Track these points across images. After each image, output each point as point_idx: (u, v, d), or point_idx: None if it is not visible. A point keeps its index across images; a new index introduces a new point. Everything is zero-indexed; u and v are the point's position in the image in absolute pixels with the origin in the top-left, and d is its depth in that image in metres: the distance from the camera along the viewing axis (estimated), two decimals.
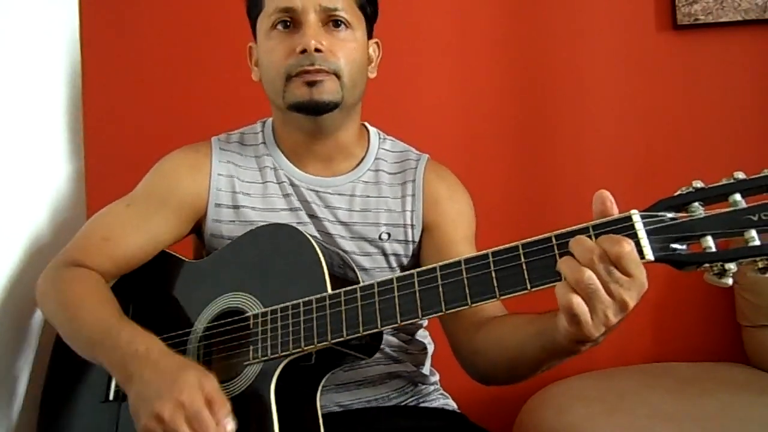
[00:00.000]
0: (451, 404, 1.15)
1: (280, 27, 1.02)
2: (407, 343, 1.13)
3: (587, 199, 1.85)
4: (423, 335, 1.17)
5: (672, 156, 1.70)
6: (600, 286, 0.67)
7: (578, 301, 0.68)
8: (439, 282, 0.77)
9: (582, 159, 1.71)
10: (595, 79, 1.72)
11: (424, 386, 1.14)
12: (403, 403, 1.10)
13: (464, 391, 1.22)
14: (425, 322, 1.17)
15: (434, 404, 1.12)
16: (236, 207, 1.07)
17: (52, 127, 1.32)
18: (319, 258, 0.88)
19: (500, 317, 0.95)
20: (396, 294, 0.79)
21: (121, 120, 1.66)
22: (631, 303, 0.69)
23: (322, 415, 0.91)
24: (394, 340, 1.11)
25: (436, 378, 1.17)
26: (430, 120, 1.69)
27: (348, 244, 1.06)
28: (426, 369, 1.15)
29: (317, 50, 0.98)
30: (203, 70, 1.69)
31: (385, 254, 1.08)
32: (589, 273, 0.67)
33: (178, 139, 1.15)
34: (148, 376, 0.81)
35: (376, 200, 1.09)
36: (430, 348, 1.18)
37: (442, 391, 1.16)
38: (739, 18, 1.69)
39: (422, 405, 1.12)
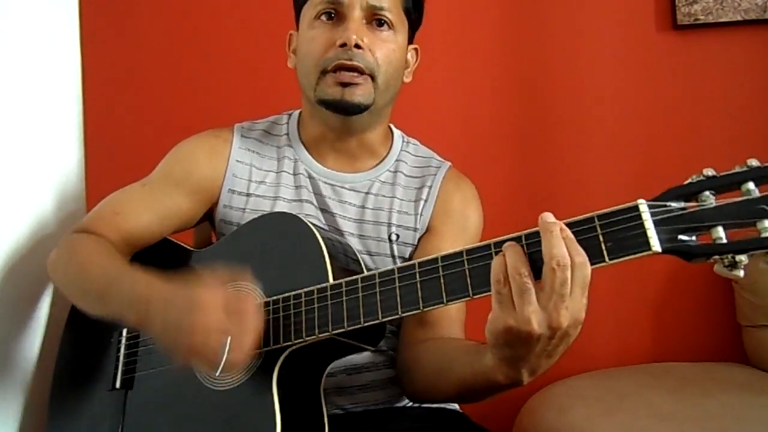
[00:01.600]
0: (452, 404, 1.14)
1: (323, 18, 1.02)
2: None
3: (587, 199, 1.86)
4: None
5: (672, 156, 1.70)
6: (532, 289, 0.67)
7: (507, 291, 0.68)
8: (441, 273, 0.76)
9: (582, 159, 1.71)
10: (595, 79, 1.72)
11: None
12: (404, 405, 1.10)
13: None
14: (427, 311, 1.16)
15: (435, 404, 1.12)
16: (248, 195, 1.07)
17: (54, 123, 1.32)
18: (321, 247, 0.88)
19: (452, 338, 0.97)
20: (397, 285, 0.78)
21: (121, 116, 1.67)
22: (564, 323, 0.66)
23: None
24: (396, 341, 1.10)
25: None
26: (429, 120, 1.69)
27: (356, 242, 1.06)
28: None
29: (357, 46, 0.98)
30: (203, 67, 1.69)
31: (392, 256, 1.07)
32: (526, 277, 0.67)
33: (178, 135, 1.15)
34: (162, 314, 0.83)
35: (390, 200, 1.09)
36: None
37: None
38: (739, 18, 1.69)
39: (424, 405, 1.11)
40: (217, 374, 0.80)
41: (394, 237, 1.07)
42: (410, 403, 1.11)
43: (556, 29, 1.72)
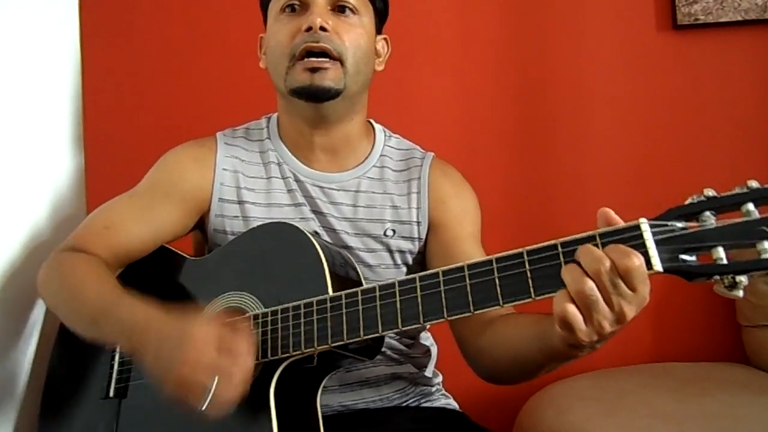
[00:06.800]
0: (453, 404, 1.15)
1: (288, 11, 1.04)
2: (410, 347, 1.13)
3: (587, 199, 1.86)
4: (425, 337, 1.17)
5: (672, 156, 1.70)
6: (600, 298, 0.66)
7: (572, 311, 0.67)
8: (442, 288, 0.75)
9: (582, 159, 1.71)
10: (595, 79, 1.72)
11: (426, 387, 1.14)
12: (404, 404, 1.10)
13: (465, 391, 1.22)
14: (427, 325, 1.17)
15: (436, 404, 1.12)
16: (240, 202, 1.07)
17: (52, 126, 1.32)
18: (321, 258, 0.88)
19: (506, 317, 0.94)
20: (398, 299, 0.78)
21: (121, 118, 1.66)
22: (630, 315, 0.67)
23: (325, 415, 0.91)
24: (396, 343, 1.10)
25: (438, 379, 1.17)
26: (430, 120, 1.69)
27: (352, 240, 1.06)
28: (429, 371, 1.15)
29: (323, 29, 0.99)
30: (203, 68, 1.69)
31: (390, 251, 1.07)
32: (590, 284, 0.66)
33: (178, 137, 1.15)
34: (155, 345, 0.82)
35: (381, 196, 1.09)
36: (434, 350, 1.18)
37: (444, 392, 1.16)
38: (739, 18, 1.69)
39: (424, 405, 1.12)
40: (202, 410, 0.78)
41: (390, 233, 1.07)
42: (411, 402, 1.11)
43: (556, 29, 1.73)
